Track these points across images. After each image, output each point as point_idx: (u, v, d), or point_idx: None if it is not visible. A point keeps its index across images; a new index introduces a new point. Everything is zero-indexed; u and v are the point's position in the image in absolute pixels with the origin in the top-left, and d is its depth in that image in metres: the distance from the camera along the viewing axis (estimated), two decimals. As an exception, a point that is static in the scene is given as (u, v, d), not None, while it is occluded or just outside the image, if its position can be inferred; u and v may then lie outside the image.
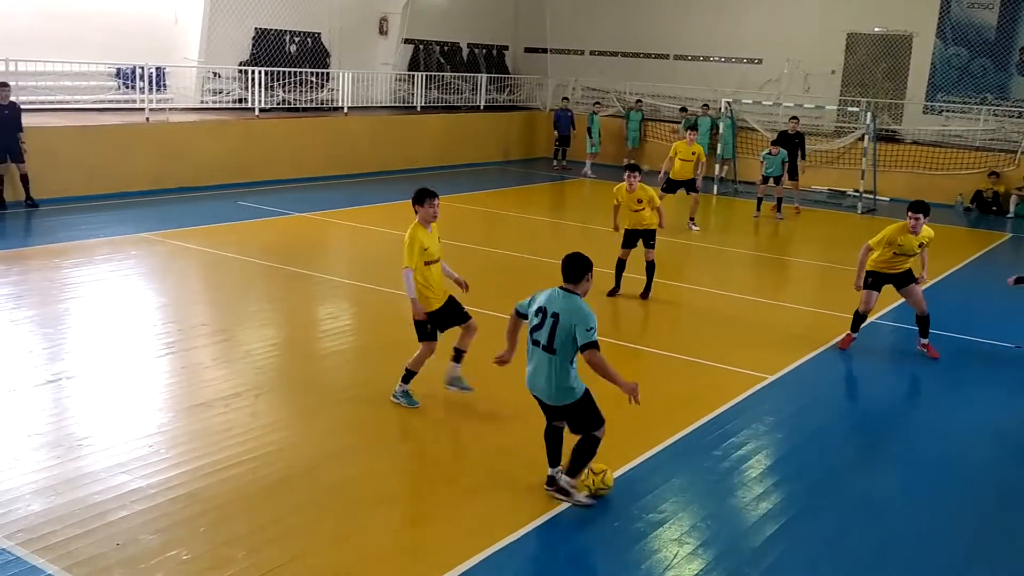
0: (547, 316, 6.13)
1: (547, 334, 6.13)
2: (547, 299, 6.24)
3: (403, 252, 7.80)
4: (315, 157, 21.09)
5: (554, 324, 6.10)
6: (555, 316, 6.10)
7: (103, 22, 19.24)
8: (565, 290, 6.21)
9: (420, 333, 8.09)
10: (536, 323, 6.21)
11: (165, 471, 6.61)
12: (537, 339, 6.21)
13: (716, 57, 27.46)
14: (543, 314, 6.16)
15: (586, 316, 6.11)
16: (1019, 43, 23.29)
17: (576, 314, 6.10)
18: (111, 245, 13.64)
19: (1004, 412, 9.04)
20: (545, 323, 6.13)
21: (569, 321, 6.08)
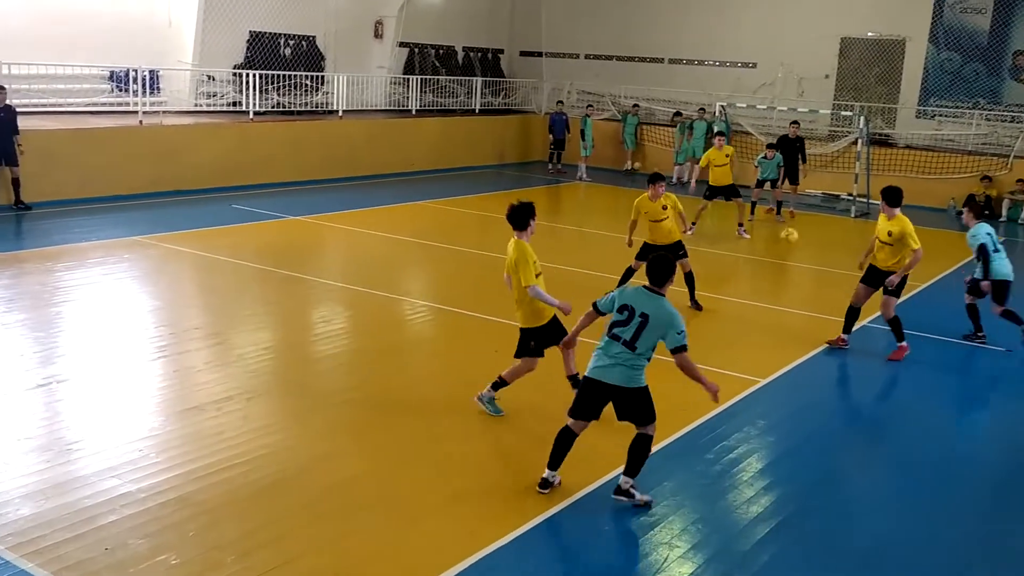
0: (635, 315, 6.36)
1: (632, 332, 6.35)
2: (633, 298, 6.47)
3: (520, 271, 7.73)
4: (310, 160, 21.08)
5: (642, 324, 6.33)
6: (644, 316, 6.33)
7: (97, 25, 19.23)
8: (650, 291, 6.44)
9: (522, 349, 7.98)
10: (621, 319, 6.42)
11: (155, 475, 6.60)
12: (619, 334, 6.39)
13: (711, 61, 27.51)
14: (630, 312, 6.39)
15: (676, 320, 6.41)
16: (1012, 48, 23.36)
17: (667, 318, 6.38)
18: (104, 248, 13.62)
19: (995, 415, 9.06)
20: (632, 322, 6.35)
21: (660, 323, 6.35)
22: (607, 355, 6.44)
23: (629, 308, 6.39)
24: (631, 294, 6.50)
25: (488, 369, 9.43)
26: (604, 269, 13.75)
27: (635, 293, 6.49)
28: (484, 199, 20.62)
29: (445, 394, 8.74)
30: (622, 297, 6.52)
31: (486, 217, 18.57)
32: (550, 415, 8.22)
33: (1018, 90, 23.43)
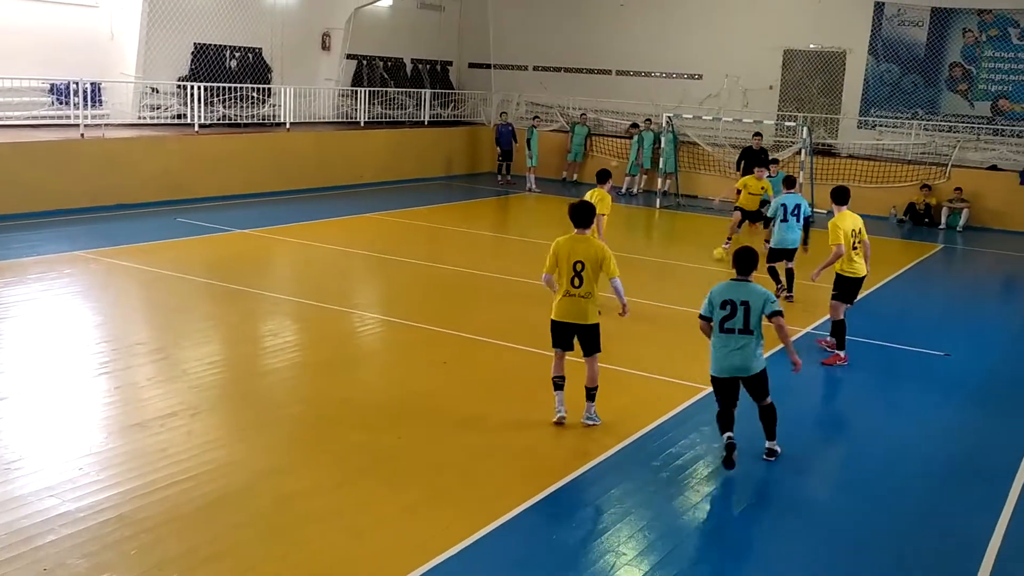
0: (737, 306, 7.33)
1: (743, 319, 7.33)
2: (730, 292, 7.42)
3: (609, 263, 8.09)
4: (257, 173, 20.90)
5: (746, 310, 7.32)
6: (745, 304, 7.33)
7: (37, 37, 18.91)
8: (740, 280, 7.47)
9: (595, 345, 8.24)
10: (727, 314, 7.34)
11: (95, 494, 6.49)
12: (732, 327, 7.34)
13: (657, 73, 27.82)
14: (732, 306, 7.34)
15: (767, 293, 7.49)
16: (948, 60, 23.95)
17: (760, 296, 7.41)
18: (45, 263, 13.37)
19: (935, 419, 9.25)
20: (737, 312, 7.32)
21: (758, 303, 7.36)
22: (725, 348, 7.40)
23: (730, 302, 7.35)
24: (725, 290, 7.43)
25: (436, 381, 9.44)
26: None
27: (728, 287, 7.44)
28: (433, 211, 20.61)
29: (394, 406, 8.70)
30: (718, 297, 7.42)
31: (435, 229, 18.56)
32: (492, 425, 8.25)
33: (955, 101, 24.03)
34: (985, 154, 23.12)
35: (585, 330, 8.10)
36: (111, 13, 20.46)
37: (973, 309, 14.71)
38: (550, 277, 8.18)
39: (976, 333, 12.73)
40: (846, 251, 10.60)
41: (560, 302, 8.08)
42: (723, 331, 7.39)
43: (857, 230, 10.75)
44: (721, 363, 7.48)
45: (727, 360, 7.45)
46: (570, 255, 7.98)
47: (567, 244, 8.05)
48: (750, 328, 7.33)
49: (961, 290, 16.64)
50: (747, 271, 7.50)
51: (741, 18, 25.97)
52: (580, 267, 7.92)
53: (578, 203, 8.22)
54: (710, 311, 7.47)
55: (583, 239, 8.06)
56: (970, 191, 22.10)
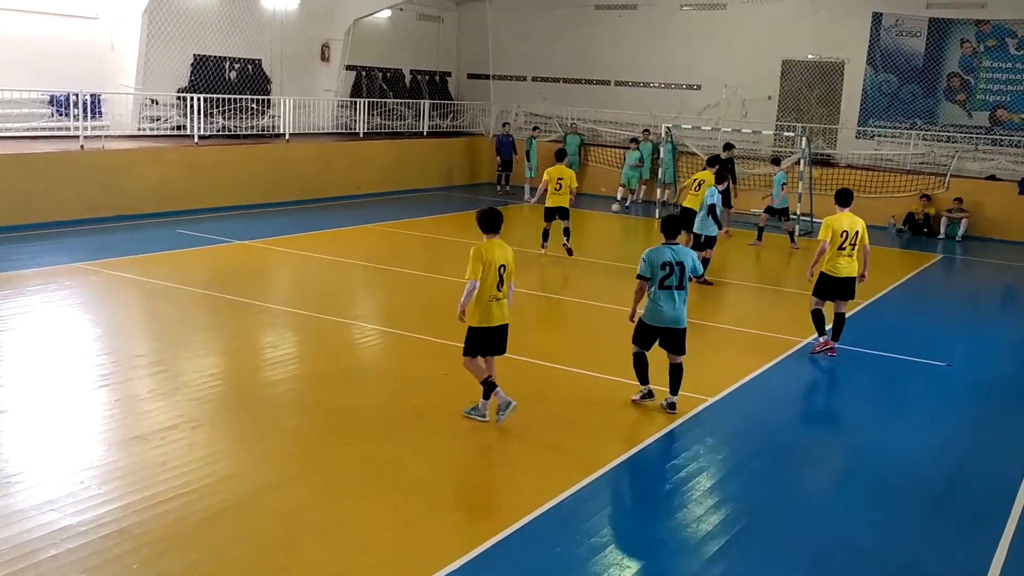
0: (674, 266, 8.59)
1: (678, 278, 8.63)
2: (667, 255, 8.63)
3: None
4: (256, 184, 20.91)
5: (681, 270, 8.62)
6: (680, 264, 8.61)
7: (36, 49, 18.94)
8: (670, 244, 8.69)
9: None
10: (666, 274, 8.58)
11: (97, 507, 6.46)
12: (670, 284, 8.62)
13: (656, 83, 27.89)
14: (670, 267, 8.58)
15: (694, 255, 8.98)
16: (946, 70, 24.02)
17: (689, 256, 8.81)
18: (45, 275, 13.36)
19: (938, 430, 9.23)
20: (674, 271, 8.59)
21: (689, 264, 8.74)
22: (667, 303, 8.67)
23: (668, 264, 8.57)
24: (659, 254, 8.61)
25: (438, 392, 9.43)
26: (546, 289, 13.82)
27: (661, 251, 8.63)
28: (433, 221, 20.61)
29: (394, 418, 8.68)
30: (657, 260, 8.59)
31: (435, 239, 18.56)
32: (493, 436, 8.23)
33: (953, 111, 24.08)
34: (984, 164, 23.17)
35: (506, 329, 8.56)
36: (111, 25, 20.49)
37: (973, 319, 14.71)
38: (476, 283, 8.26)
39: (977, 343, 12.73)
40: (830, 250, 10.96)
41: (488, 307, 8.32)
42: (663, 288, 8.63)
43: (853, 232, 10.97)
44: (660, 315, 8.72)
45: (668, 313, 8.75)
46: (495, 260, 8.28)
47: (490, 249, 8.31)
48: (683, 286, 8.65)
49: (961, 300, 16.65)
50: (674, 235, 8.78)
51: (740, 29, 26.04)
52: (503, 270, 8.33)
53: (488, 210, 8.55)
54: (649, 272, 8.63)
55: (500, 244, 8.44)
56: (969, 201, 22.13)
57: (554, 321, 12.67)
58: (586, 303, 13.45)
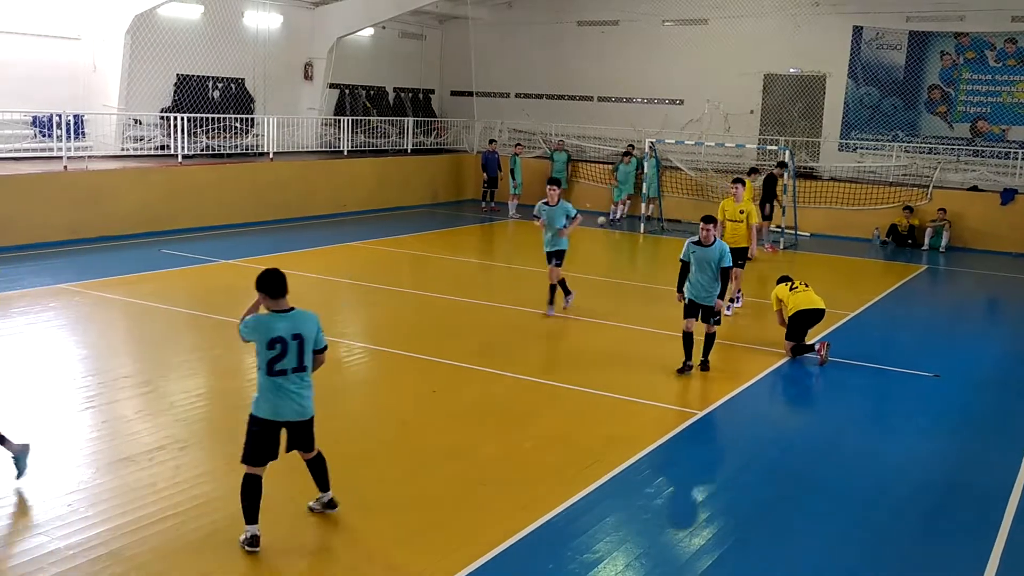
0: (288, 342, 6.49)
1: (296, 357, 6.52)
2: (278, 328, 6.52)
3: None
4: (241, 203, 20.85)
5: (299, 346, 6.52)
6: (297, 337, 6.53)
7: (18, 71, 18.87)
8: (287, 312, 6.60)
9: None
10: (276, 354, 6.46)
11: (85, 531, 6.39)
12: (283, 367, 6.48)
13: (639, 99, 28.03)
14: (282, 344, 6.49)
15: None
16: (927, 82, 24.23)
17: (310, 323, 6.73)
18: (29, 297, 13.26)
19: (926, 441, 9.25)
20: (288, 349, 6.49)
21: (312, 332, 6.66)
22: (292, 390, 6.50)
23: (280, 341, 6.47)
24: (269, 324, 6.52)
25: (426, 409, 9.40)
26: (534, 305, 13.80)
27: (272, 321, 6.54)
28: (418, 239, 20.59)
29: (384, 436, 8.64)
30: (266, 331, 6.50)
31: (420, 256, 18.53)
32: (483, 453, 8.20)
33: (934, 123, 24.29)
34: (966, 175, 23.34)
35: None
36: (93, 45, 20.43)
37: (960, 329, 14.78)
38: None
39: (964, 353, 12.78)
40: None
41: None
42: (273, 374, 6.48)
43: None
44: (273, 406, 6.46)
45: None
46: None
47: None
48: (304, 366, 6.54)
49: (947, 311, 16.73)
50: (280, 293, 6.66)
51: (721, 44, 26.20)
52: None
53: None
54: (254, 336, 6.61)
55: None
56: (951, 212, 22.28)
57: (543, 337, 12.65)
58: (577, 319, 13.44)
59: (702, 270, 10.76)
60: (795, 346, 11.66)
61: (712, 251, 10.71)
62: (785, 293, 12.01)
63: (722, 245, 10.86)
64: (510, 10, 29.30)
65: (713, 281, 10.74)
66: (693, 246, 10.79)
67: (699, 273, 10.79)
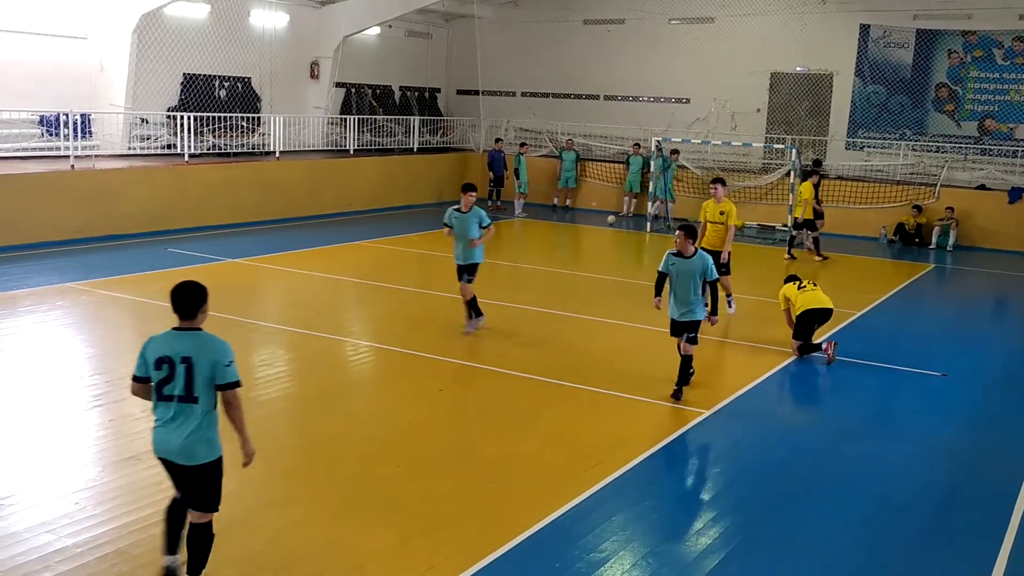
0: (176, 364, 5.53)
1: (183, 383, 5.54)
2: (164, 348, 5.64)
3: None
4: (247, 202, 20.87)
5: (188, 370, 5.54)
6: (186, 361, 5.55)
7: (26, 69, 18.91)
8: (184, 329, 5.74)
9: None
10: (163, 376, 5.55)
11: (92, 528, 6.40)
12: (170, 392, 5.54)
13: (645, 97, 27.99)
14: (169, 365, 5.54)
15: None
16: (934, 80, 24.16)
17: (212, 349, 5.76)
18: (36, 296, 13.28)
19: (934, 441, 9.22)
20: (176, 372, 5.53)
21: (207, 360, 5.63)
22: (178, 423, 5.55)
23: (167, 361, 5.56)
24: (157, 345, 5.65)
25: (432, 407, 9.39)
26: (540, 304, 13.80)
27: (160, 341, 5.68)
28: (424, 237, 20.57)
29: (389, 435, 8.65)
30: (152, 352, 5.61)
31: (427, 255, 18.54)
32: (488, 452, 8.19)
33: (942, 121, 24.22)
34: (973, 174, 23.27)
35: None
36: (100, 45, 20.47)
37: (967, 328, 14.73)
38: None
39: (971, 352, 12.74)
40: None
41: None
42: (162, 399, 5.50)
43: None
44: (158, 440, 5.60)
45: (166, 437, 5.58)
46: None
47: None
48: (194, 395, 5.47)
49: (955, 310, 16.67)
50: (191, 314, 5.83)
51: (728, 42, 26.16)
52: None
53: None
54: (145, 370, 5.54)
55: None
56: (959, 211, 22.21)
57: (550, 336, 12.64)
58: (583, 318, 13.43)
59: (683, 284, 9.75)
60: (802, 345, 11.63)
61: (693, 263, 9.70)
62: (793, 292, 11.98)
63: (704, 257, 9.79)
64: (516, 9, 29.29)
65: (695, 296, 9.76)
66: (673, 257, 9.80)
67: (680, 287, 9.78)
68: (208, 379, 5.52)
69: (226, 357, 5.60)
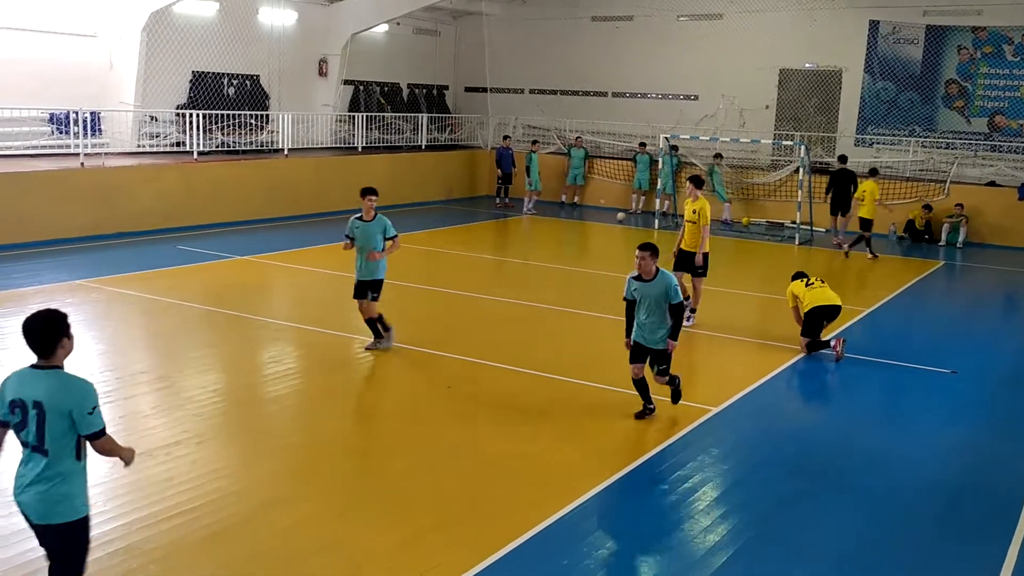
0: (28, 409, 4.96)
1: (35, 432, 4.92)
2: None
3: None
4: (256, 200, 20.91)
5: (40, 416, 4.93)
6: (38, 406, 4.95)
7: (36, 68, 18.96)
8: (38, 368, 5.19)
9: None
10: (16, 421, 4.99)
11: (103, 524, 6.42)
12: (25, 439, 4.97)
13: (653, 94, 27.95)
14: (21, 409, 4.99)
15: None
16: (944, 77, 24.07)
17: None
18: (45, 293, 13.34)
19: (943, 438, 9.20)
20: (28, 419, 4.95)
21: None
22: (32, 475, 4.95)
23: (18, 405, 4.99)
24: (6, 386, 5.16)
25: (440, 405, 9.40)
26: (549, 301, 13.80)
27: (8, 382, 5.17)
28: (432, 235, 20.60)
29: (396, 432, 8.66)
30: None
31: (435, 253, 18.55)
32: (495, 449, 8.21)
33: (951, 118, 24.13)
34: (983, 170, 23.19)
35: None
36: (110, 43, 20.53)
37: (977, 326, 14.68)
38: None
39: (981, 350, 12.70)
40: None
41: None
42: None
43: None
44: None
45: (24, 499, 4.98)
46: None
47: None
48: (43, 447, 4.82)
49: (964, 307, 16.62)
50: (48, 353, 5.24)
51: (736, 39, 26.10)
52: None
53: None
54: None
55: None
56: (969, 207, 22.13)
57: (559, 333, 12.64)
58: (592, 315, 13.43)
59: (649, 309, 8.91)
60: (811, 342, 11.61)
61: (655, 286, 8.84)
62: (801, 289, 11.95)
63: (666, 278, 8.86)
64: (524, 6, 29.26)
65: (663, 321, 8.94)
66: (633, 281, 8.99)
67: (646, 313, 8.94)
68: (64, 429, 4.79)
69: (88, 403, 4.86)
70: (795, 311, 12.04)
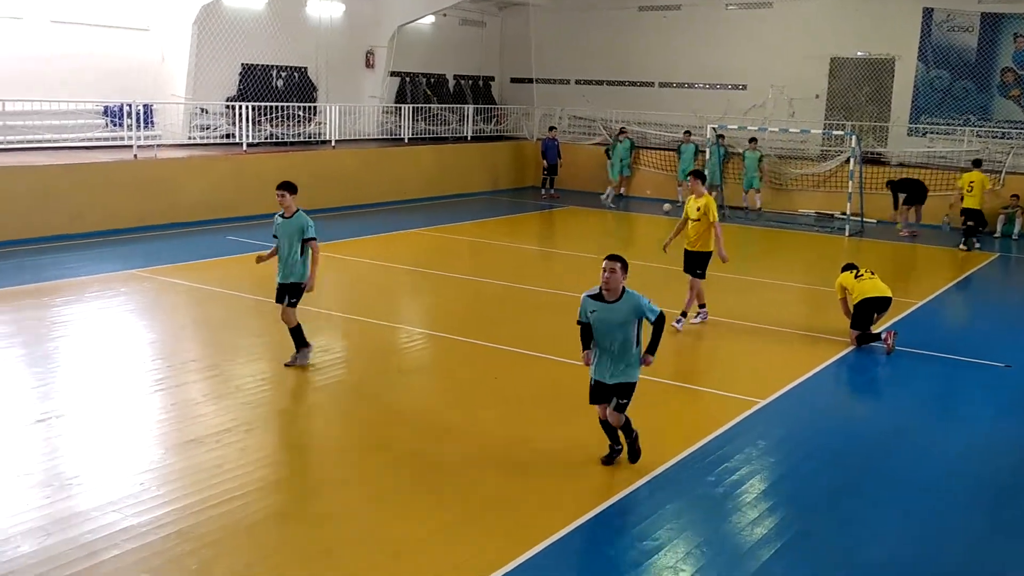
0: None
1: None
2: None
3: None
4: (303, 190, 20.76)
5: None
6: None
7: (91, 62, 19.34)
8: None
9: None
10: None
11: (155, 509, 6.56)
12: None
13: (701, 84, 27.71)
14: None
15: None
16: (1000, 65, 23.56)
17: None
18: (100, 282, 13.61)
19: (996, 432, 9.04)
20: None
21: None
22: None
23: None
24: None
25: (487, 396, 9.44)
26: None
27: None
28: (478, 226, 20.66)
29: (443, 422, 8.71)
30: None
31: (481, 244, 18.60)
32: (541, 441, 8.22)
33: (1007, 106, 23.61)
34: (1040, 160, 22.67)
35: None
36: (162, 37, 20.86)
37: (1031, 319, 14.38)
38: None
39: (1035, 343, 12.44)
40: None
41: None
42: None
43: None
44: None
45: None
46: None
47: None
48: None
49: (1019, 299, 16.29)
50: None
51: (786, 27, 25.78)
52: None
53: None
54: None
55: None
56: (1025, 198, 21.65)
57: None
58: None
59: (607, 337, 7.35)
60: (860, 335, 11.46)
61: (617, 310, 7.28)
62: (850, 281, 11.79)
63: (633, 298, 7.28)
64: (570, -4, 29.18)
65: (626, 350, 7.38)
66: (591, 301, 7.39)
67: (603, 341, 7.39)
68: None
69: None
70: (843, 303, 11.89)
